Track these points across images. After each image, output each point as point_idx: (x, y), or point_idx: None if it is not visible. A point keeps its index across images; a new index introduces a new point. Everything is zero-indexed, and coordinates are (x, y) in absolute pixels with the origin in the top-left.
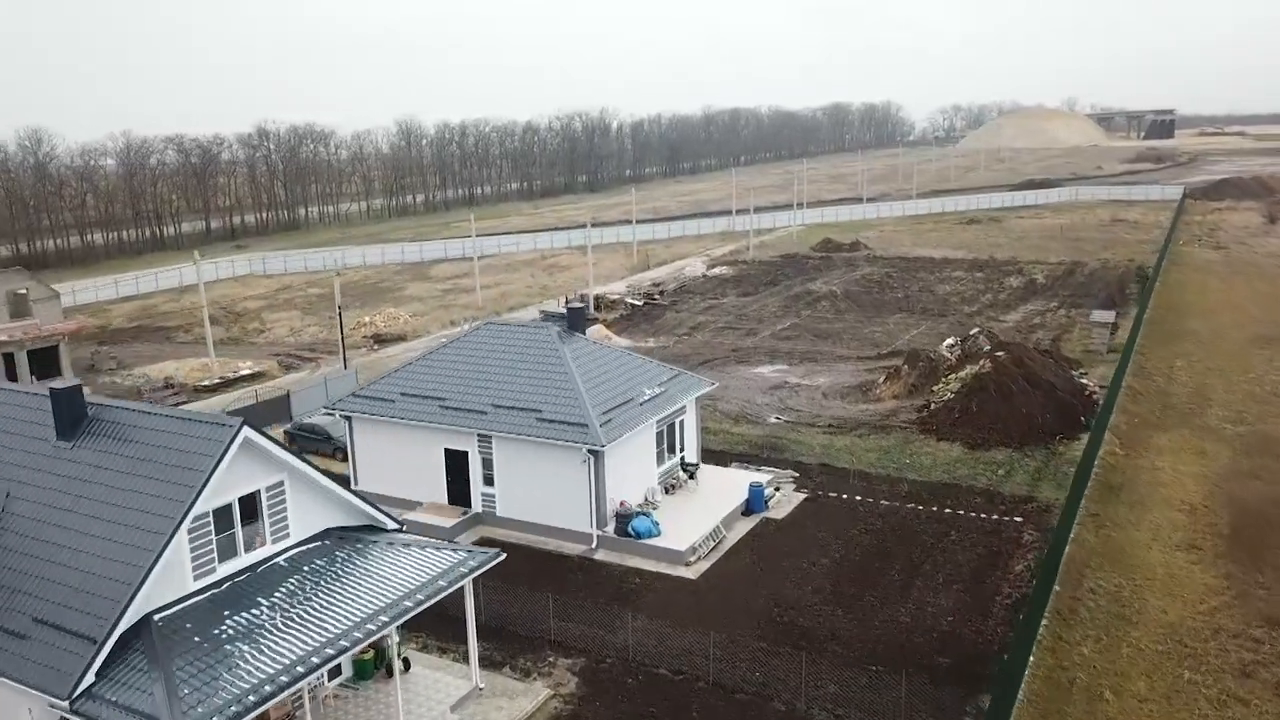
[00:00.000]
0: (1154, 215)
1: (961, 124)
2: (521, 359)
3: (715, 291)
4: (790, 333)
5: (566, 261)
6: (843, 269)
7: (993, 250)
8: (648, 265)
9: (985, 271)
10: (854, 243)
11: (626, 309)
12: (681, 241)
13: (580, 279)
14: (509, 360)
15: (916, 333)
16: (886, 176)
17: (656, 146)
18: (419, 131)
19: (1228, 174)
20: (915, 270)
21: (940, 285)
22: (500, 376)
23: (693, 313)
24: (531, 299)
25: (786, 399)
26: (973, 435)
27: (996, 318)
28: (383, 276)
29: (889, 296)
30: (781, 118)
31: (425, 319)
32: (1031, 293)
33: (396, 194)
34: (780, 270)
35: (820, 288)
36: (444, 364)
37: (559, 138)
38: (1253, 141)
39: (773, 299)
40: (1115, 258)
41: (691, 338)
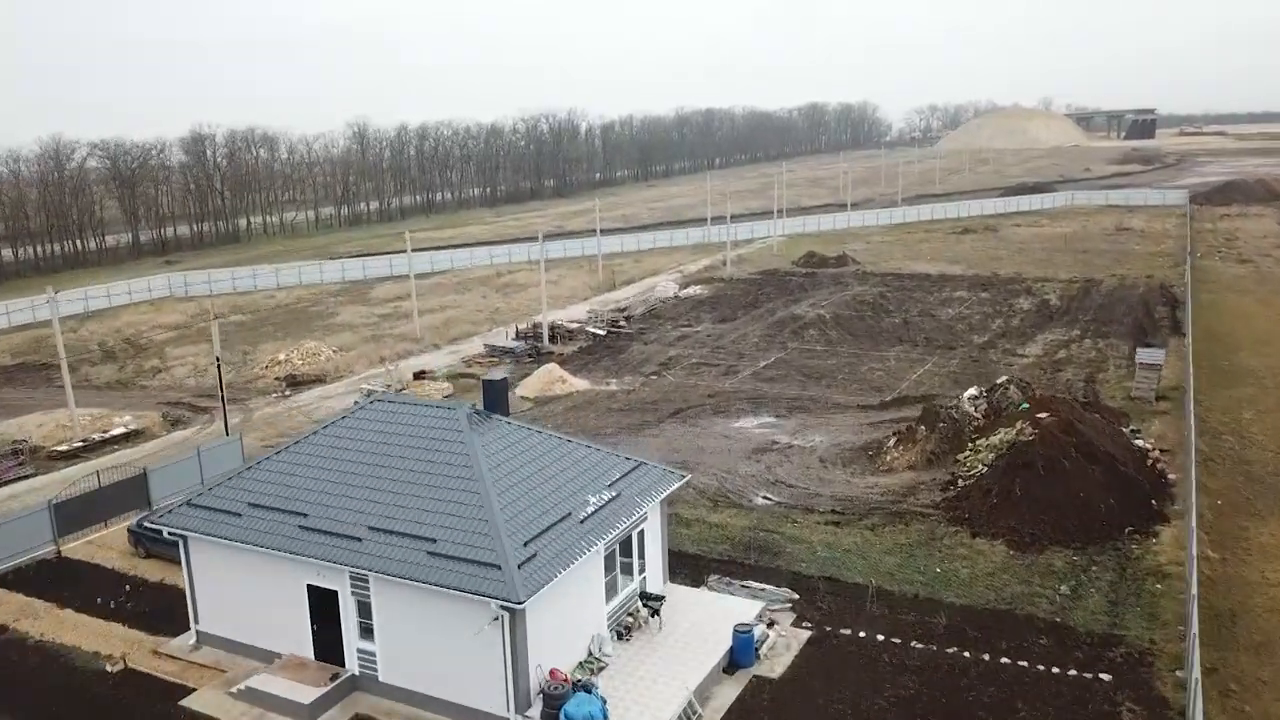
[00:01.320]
0: (1160, 222)
1: (938, 124)
2: (416, 457)
3: (689, 316)
4: (775, 371)
5: (525, 279)
6: (830, 288)
7: (994, 265)
8: (614, 284)
9: (990, 291)
10: (840, 256)
11: (587, 339)
12: (652, 255)
13: (539, 300)
14: (399, 458)
15: (923, 371)
16: (868, 179)
17: (628, 149)
18: (373, 135)
19: (1220, 175)
20: (911, 289)
21: (942, 308)
22: (385, 484)
23: (663, 344)
24: (479, 327)
25: (776, 467)
26: (1018, 529)
27: (1013, 350)
28: (317, 298)
29: (885, 323)
30: (756, 118)
31: (352, 355)
32: (1046, 317)
33: (349, 202)
34: (761, 290)
35: (807, 312)
36: (312, 460)
37: (524, 140)
38: (1235, 141)
39: (753, 326)
40: (1130, 273)
41: (660, 378)
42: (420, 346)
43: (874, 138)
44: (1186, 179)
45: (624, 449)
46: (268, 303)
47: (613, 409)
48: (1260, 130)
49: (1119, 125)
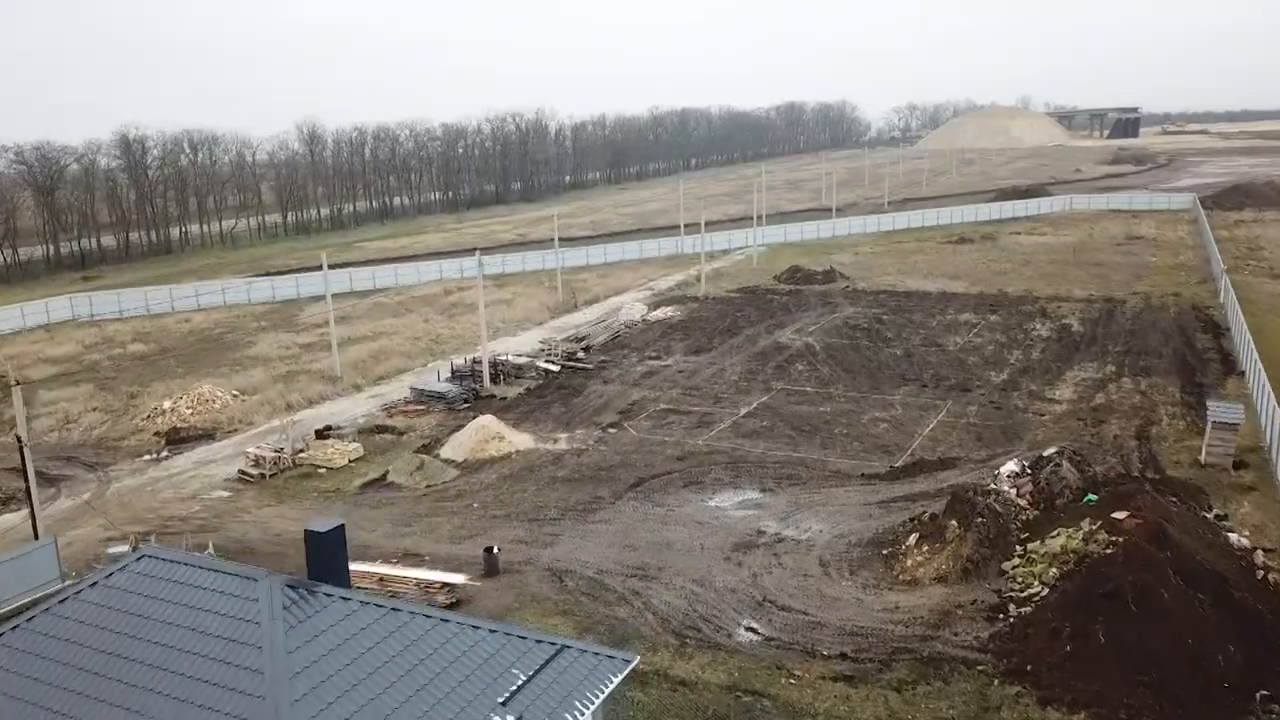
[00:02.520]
0: (1171, 230)
1: (917, 124)
2: (173, 685)
3: (657, 345)
4: (759, 421)
5: (475, 299)
6: (818, 309)
7: (999, 280)
8: (575, 304)
9: (1000, 314)
10: (828, 271)
11: (538, 377)
12: (620, 269)
13: (490, 323)
14: (143, 687)
15: (937, 422)
16: (850, 181)
17: (599, 151)
18: (329, 136)
19: (1217, 176)
20: (910, 311)
21: (948, 335)
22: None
23: (626, 383)
24: (413, 360)
25: (763, 574)
26: (1106, 697)
27: (1040, 393)
28: (237, 322)
29: (885, 355)
30: (733, 118)
31: (254, 401)
32: (1070, 347)
33: (296, 208)
34: (739, 311)
35: (793, 340)
36: (20, 670)
37: (489, 141)
38: (1221, 140)
39: (732, 359)
40: (1154, 290)
41: (621, 431)
42: (338, 389)
43: (853, 137)
44: (1183, 180)
45: (565, 543)
46: (180, 328)
47: (558, 478)
48: (1242, 129)
49: (1102, 124)
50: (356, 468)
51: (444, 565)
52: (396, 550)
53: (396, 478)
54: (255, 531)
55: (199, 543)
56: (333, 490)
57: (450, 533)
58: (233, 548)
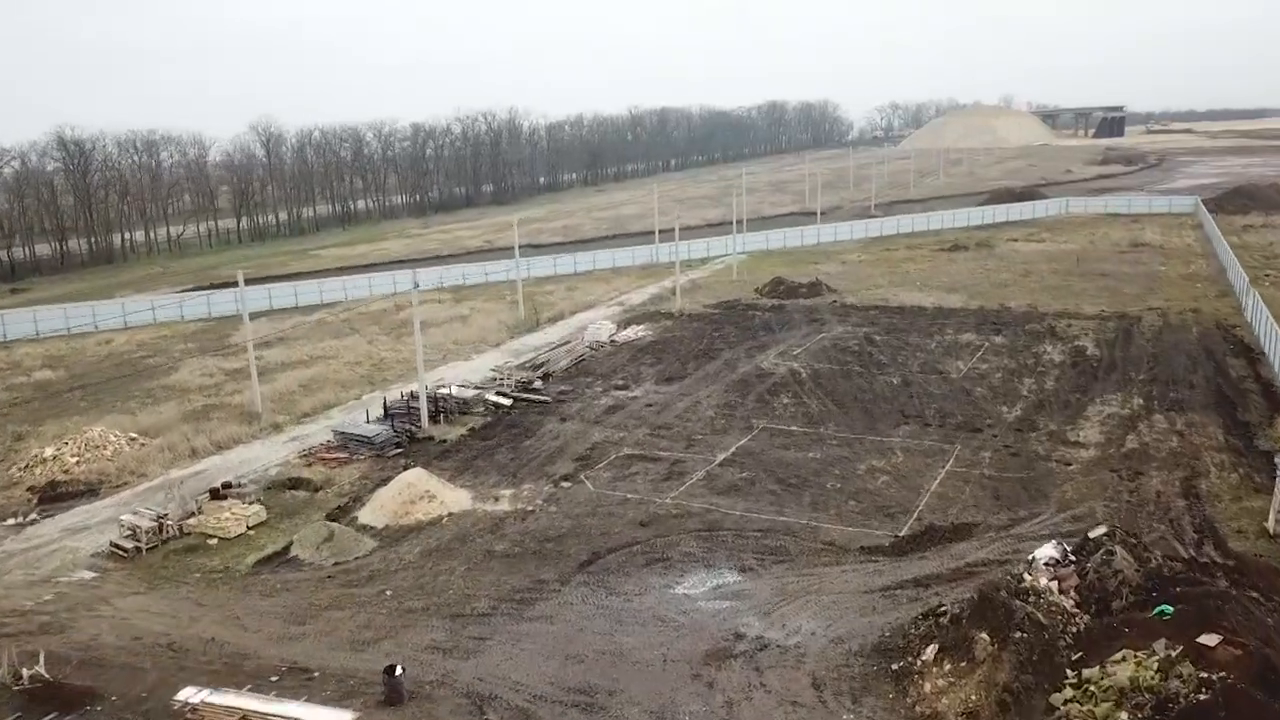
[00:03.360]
0: (1176, 235)
1: (900, 123)
2: None
3: (625, 372)
4: (738, 472)
5: (430, 314)
6: (803, 327)
7: (999, 294)
8: (537, 322)
9: (1005, 334)
10: (813, 283)
11: (486, 413)
12: (590, 280)
13: (441, 345)
14: None
15: (945, 472)
16: (834, 183)
17: (576, 151)
18: (284, 137)
19: (1211, 177)
20: (905, 330)
21: (949, 360)
22: None
23: (586, 420)
24: (348, 392)
25: (740, 700)
26: None
27: (1062, 435)
28: (163, 344)
29: (880, 384)
30: (714, 118)
31: (153, 446)
32: (1088, 374)
33: (251, 213)
34: (718, 330)
35: (777, 365)
36: None
37: (459, 142)
38: (1208, 139)
39: (708, 389)
40: (1171, 305)
41: (575, 487)
42: (255, 429)
43: (835, 137)
44: (1178, 181)
45: (493, 650)
46: (98, 351)
47: (495, 552)
48: (1226, 128)
49: (1087, 123)
50: (255, 537)
51: (335, 687)
52: (280, 662)
53: (300, 551)
54: (111, 634)
55: (29, 651)
56: (220, 570)
57: (352, 634)
58: (76, 657)
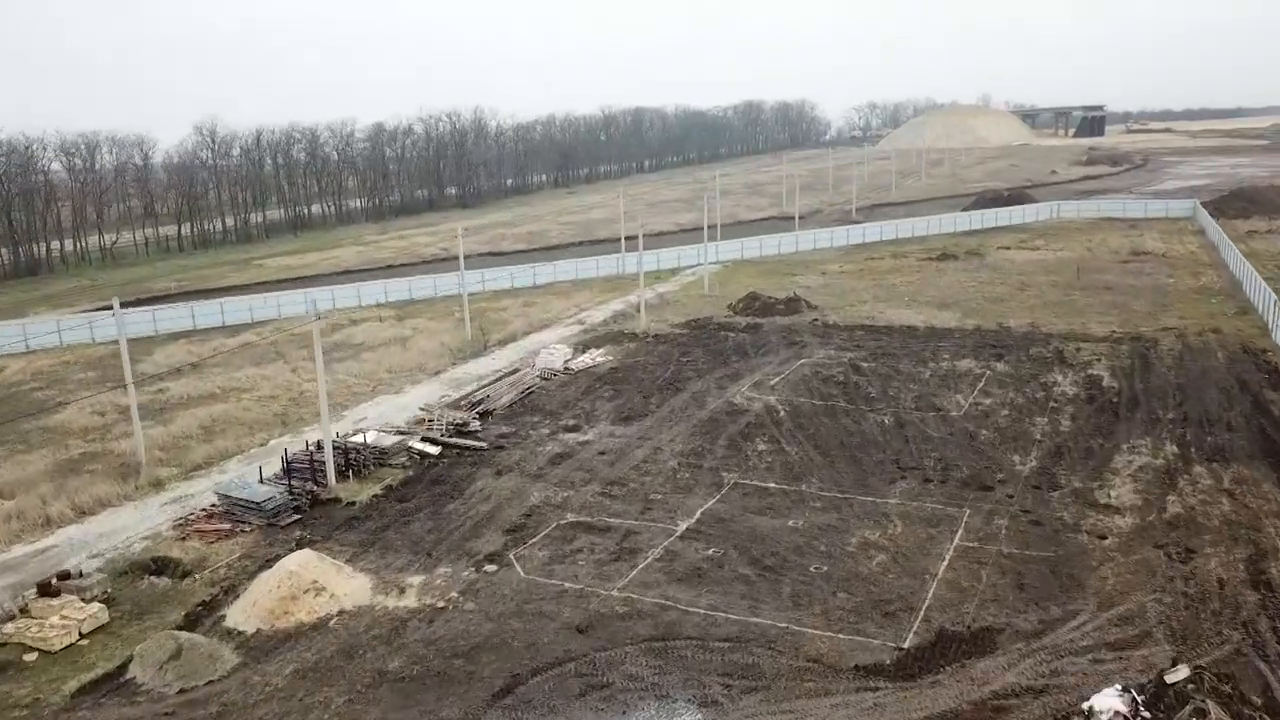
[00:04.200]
0: (1178, 242)
1: (878, 122)
2: None
3: (578, 408)
4: (703, 541)
5: (368, 335)
6: (781, 351)
7: (996, 311)
8: (485, 345)
9: (1007, 359)
10: (791, 299)
11: (409, 464)
12: (550, 294)
13: (373, 374)
14: None
15: (955, 548)
16: (812, 185)
17: (547, 152)
18: (231, 139)
19: (1200, 178)
20: (895, 355)
21: (948, 393)
22: None
23: (526, 473)
24: (254, 435)
25: None
26: None
27: (1089, 495)
28: (61, 372)
29: (871, 425)
30: (690, 117)
31: (4, 509)
32: (1108, 412)
33: (194, 219)
34: (686, 355)
35: (751, 400)
36: None
37: (422, 142)
38: (1189, 139)
39: (672, 430)
40: (1187, 324)
41: (503, 570)
42: (130, 488)
43: (813, 137)
44: (1166, 182)
45: None
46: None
47: (387, 674)
48: (1205, 127)
49: (1066, 122)
50: (87, 650)
51: None
52: None
53: (139, 672)
54: None
55: None
56: (29, 703)
57: None
58: None
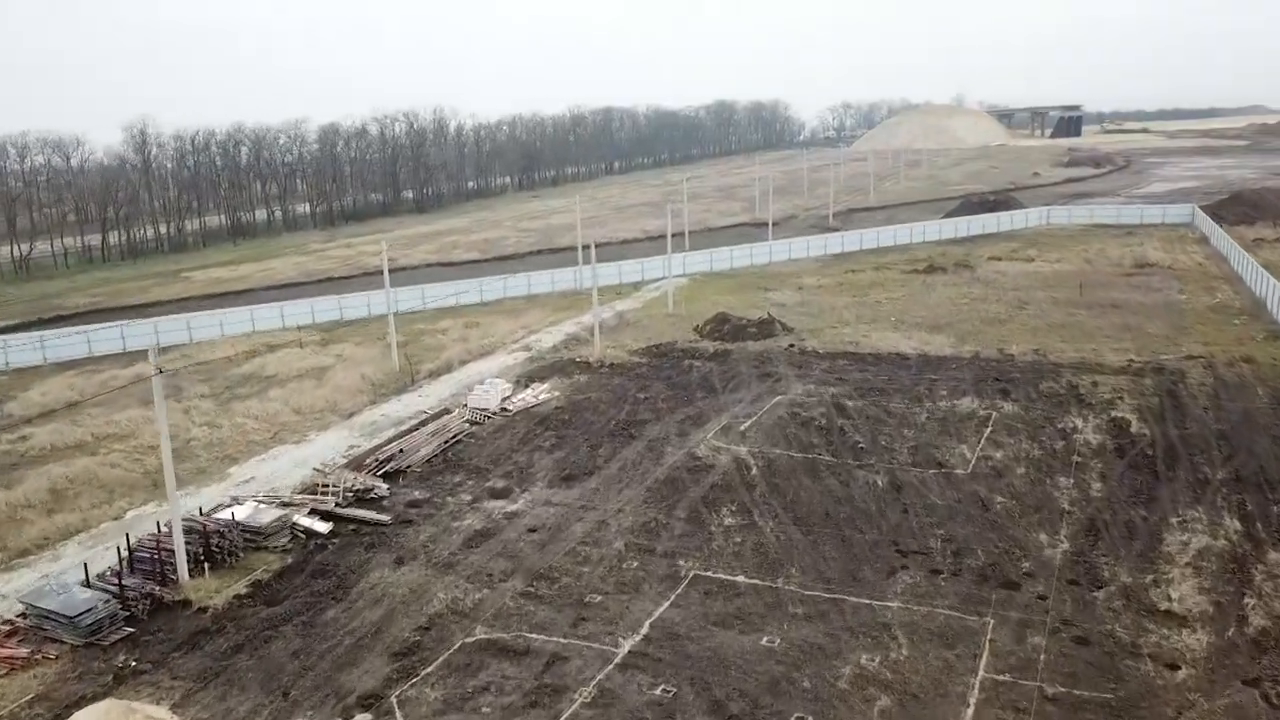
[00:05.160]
0: (1182, 252)
1: (852, 122)
2: None
3: (511, 463)
4: (649, 675)
5: (283, 365)
6: (754, 385)
7: (994, 334)
8: (414, 378)
9: (1015, 397)
10: (765, 321)
11: (292, 548)
12: (497, 313)
13: (276, 417)
14: None
15: (978, 688)
16: (786, 188)
17: (511, 154)
18: (166, 141)
19: (1188, 180)
20: (885, 391)
21: (949, 441)
22: None
23: (434, 562)
24: (106, 509)
25: None
26: None
27: (1144, 597)
28: None
29: (859, 485)
30: (661, 117)
31: None
32: (1145, 470)
33: (120, 227)
34: (644, 390)
35: (718, 451)
36: None
37: (377, 144)
38: (1166, 139)
39: (623, 494)
40: (1213, 350)
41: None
42: None
43: (787, 138)
44: (1153, 185)
45: None
46: None
47: None
48: (1181, 127)
49: (1043, 122)
50: None
51: None
52: None
53: None
54: None
55: None
56: None
57: None
58: None
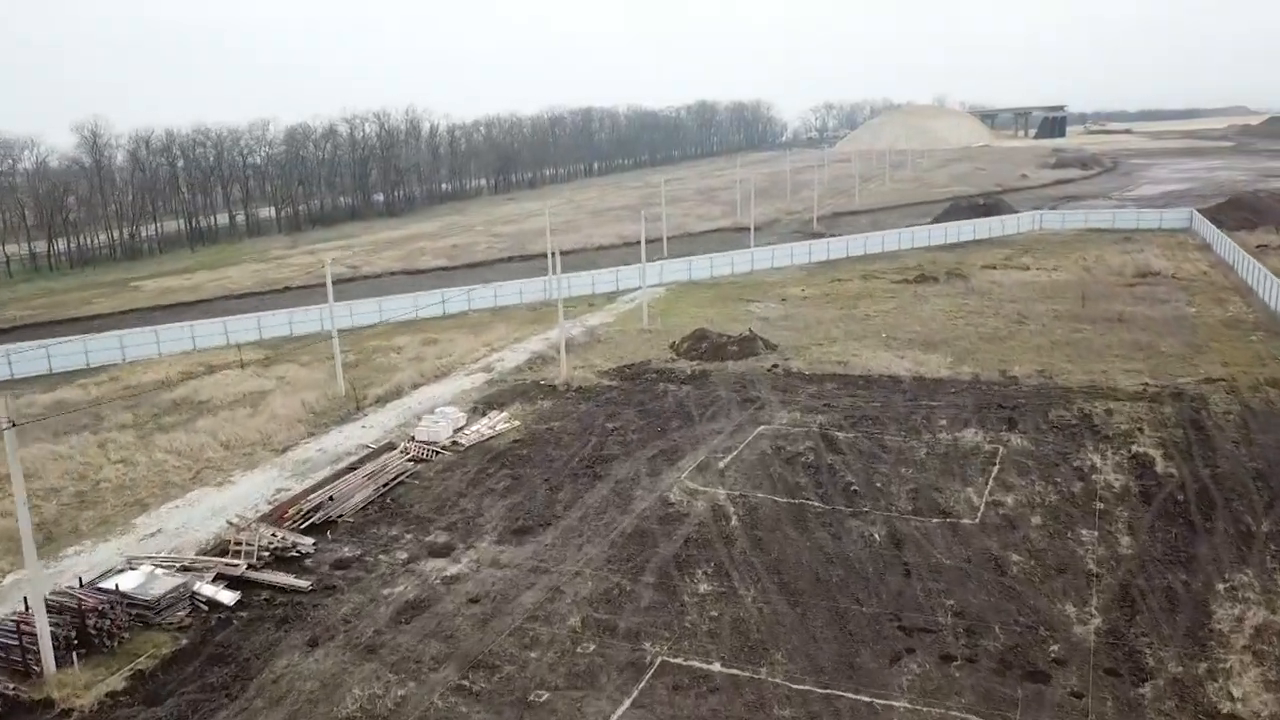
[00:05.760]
0: (1185, 260)
1: (834, 123)
2: None
3: (456, 511)
4: None
5: (217, 391)
6: (734, 413)
7: (996, 354)
8: (359, 405)
9: (1021, 427)
10: (746, 338)
11: (191, 623)
12: (458, 328)
13: (200, 452)
14: None
15: None
16: (769, 190)
17: (487, 155)
18: (121, 143)
19: (1177, 182)
20: (878, 420)
21: (952, 484)
22: None
23: (354, 644)
24: None
25: None
26: None
27: (1199, 692)
28: None
29: (853, 543)
30: (641, 118)
31: None
32: (1179, 518)
33: (68, 234)
34: (613, 419)
35: (693, 497)
36: None
37: (346, 145)
38: (1151, 140)
39: (580, 555)
40: (1234, 373)
41: None
42: None
43: (769, 138)
44: (1142, 187)
45: None
46: None
47: None
48: (1164, 128)
49: (1026, 123)
50: None
51: None
52: None
53: None
54: None
55: None
56: None
57: None
58: None
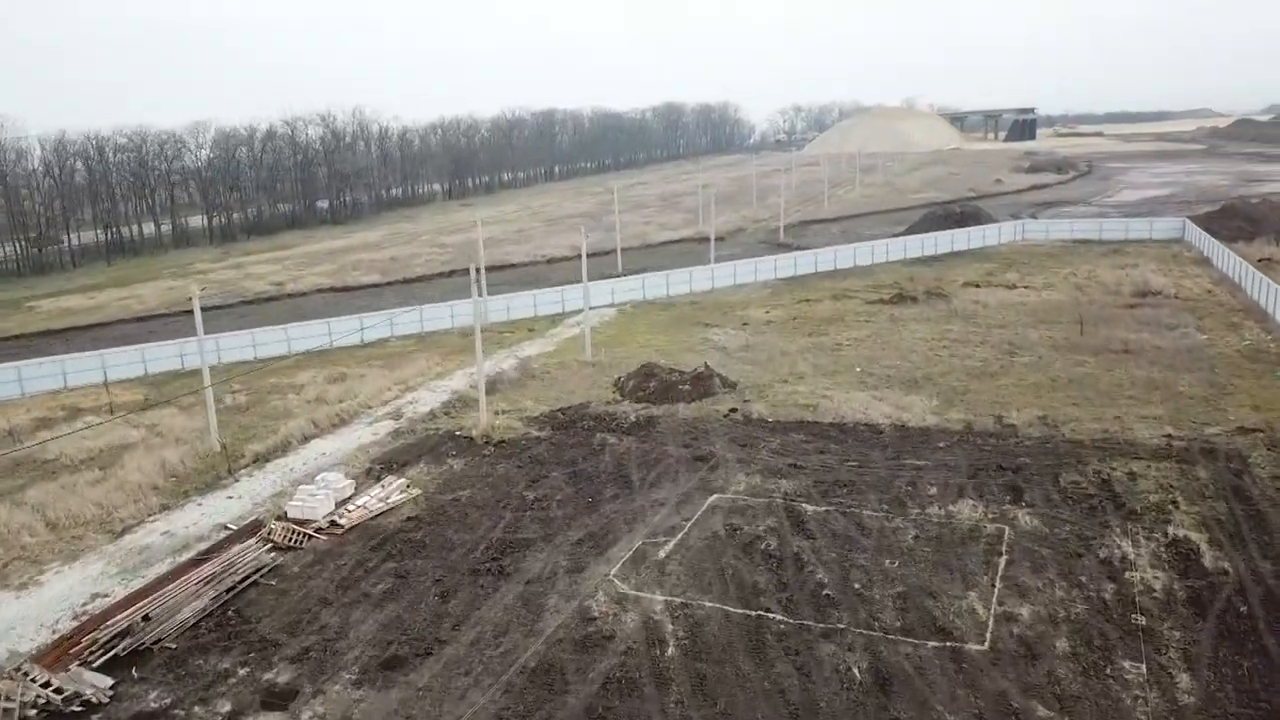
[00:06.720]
0: (1185, 276)
1: (803, 125)
2: None
3: (311, 632)
4: None
5: (70, 445)
6: (682, 479)
7: (987, 393)
8: (230, 467)
9: (1029, 498)
10: (701, 374)
11: None
12: (372, 360)
13: (19, 533)
14: None
15: None
16: (734, 196)
17: (441, 159)
18: (29, 146)
19: (1156, 187)
20: (855, 488)
21: (949, 583)
22: None
23: None
24: None
25: None
26: None
27: None
28: None
29: (827, 682)
30: (605, 120)
31: None
32: (1248, 641)
33: None
34: (535, 485)
35: (622, 609)
36: None
37: (287, 149)
38: (1122, 143)
39: (464, 703)
40: (1272, 419)
41: None
42: None
43: (736, 141)
44: (1122, 192)
45: None
46: None
47: None
48: (1135, 131)
49: (996, 125)
50: None
51: None
52: None
53: None
54: None
55: None
56: None
57: None
58: None
